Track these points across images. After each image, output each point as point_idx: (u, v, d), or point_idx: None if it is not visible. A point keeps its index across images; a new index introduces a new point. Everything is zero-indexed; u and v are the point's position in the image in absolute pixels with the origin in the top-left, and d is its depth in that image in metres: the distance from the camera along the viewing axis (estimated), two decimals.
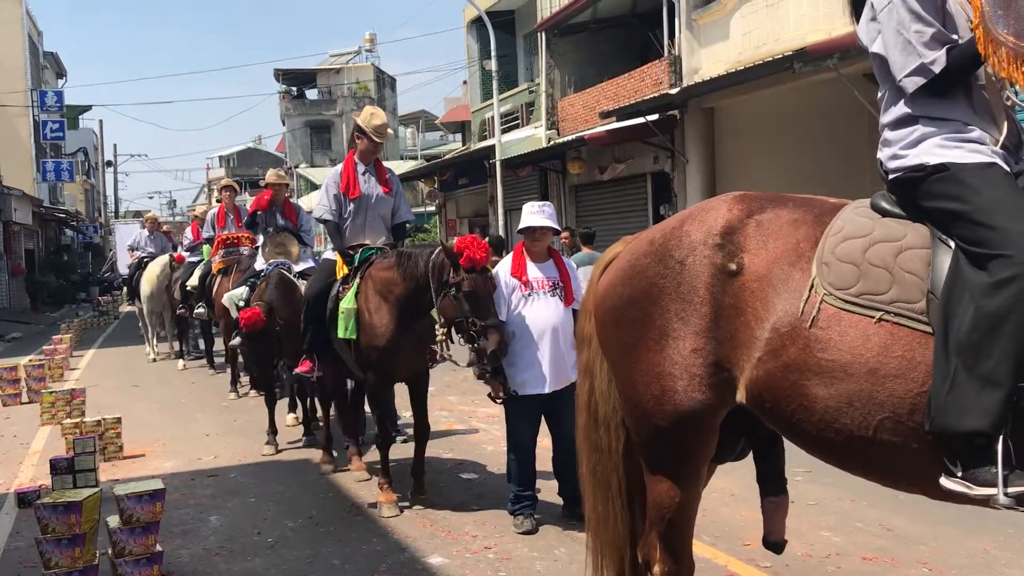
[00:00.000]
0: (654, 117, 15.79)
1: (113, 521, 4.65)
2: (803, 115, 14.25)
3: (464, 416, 8.83)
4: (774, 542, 2.96)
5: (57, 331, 17.88)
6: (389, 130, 6.54)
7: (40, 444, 8.28)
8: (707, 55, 15.94)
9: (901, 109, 2.46)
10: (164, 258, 14.24)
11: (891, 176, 2.49)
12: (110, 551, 4.59)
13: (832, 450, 2.47)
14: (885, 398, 2.31)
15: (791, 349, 2.43)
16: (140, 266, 15.10)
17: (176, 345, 14.62)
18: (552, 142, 20.56)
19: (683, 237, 2.71)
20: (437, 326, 5.49)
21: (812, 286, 2.44)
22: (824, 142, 14.05)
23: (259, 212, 8.74)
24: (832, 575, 4.42)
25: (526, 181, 22.64)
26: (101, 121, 56.89)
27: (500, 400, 5.31)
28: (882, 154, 2.52)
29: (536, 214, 5.31)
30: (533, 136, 22.29)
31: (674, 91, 15.01)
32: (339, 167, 6.50)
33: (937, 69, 2.35)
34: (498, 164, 21.42)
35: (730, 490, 5.55)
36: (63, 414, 8.91)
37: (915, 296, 2.33)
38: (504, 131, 22.47)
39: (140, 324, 15.99)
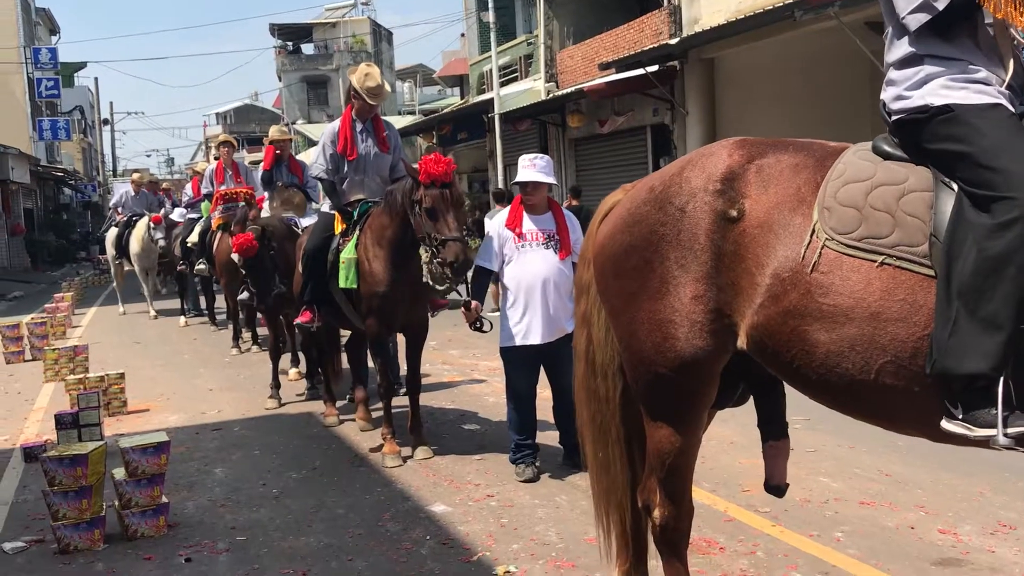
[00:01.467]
0: (654, 68, 15.62)
1: (119, 473, 4.72)
2: (804, 64, 14.12)
3: (466, 369, 8.88)
4: (775, 486, 2.99)
5: (58, 290, 17.92)
6: (386, 88, 6.45)
7: (44, 400, 8.35)
8: (707, 4, 15.73)
9: (905, 48, 2.43)
10: (145, 220, 14.36)
11: (894, 117, 2.46)
12: (116, 503, 4.66)
13: (834, 395, 2.48)
14: (887, 342, 2.31)
15: (792, 294, 2.42)
16: (128, 224, 15.12)
17: (153, 303, 14.91)
18: (551, 95, 20.39)
19: (683, 183, 2.69)
20: (422, 250, 5.48)
21: (814, 231, 2.43)
22: (825, 91, 13.95)
23: (273, 168, 8.76)
24: (830, 519, 4.47)
25: (525, 135, 22.50)
26: (96, 79, 56.33)
27: (477, 328, 5.35)
28: (886, 95, 2.49)
29: (528, 168, 5.30)
30: (532, 89, 22.09)
31: (673, 41, 14.83)
32: (336, 124, 6.45)
33: (940, 6, 2.31)
34: (497, 118, 21.26)
35: (730, 438, 5.60)
36: (66, 371, 8.96)
37: (918, 239, 2.32)
38: (503, 84, 22.28)
39: (115, 283, 16.13)
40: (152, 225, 13.99)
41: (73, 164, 45.03)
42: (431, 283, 5.52)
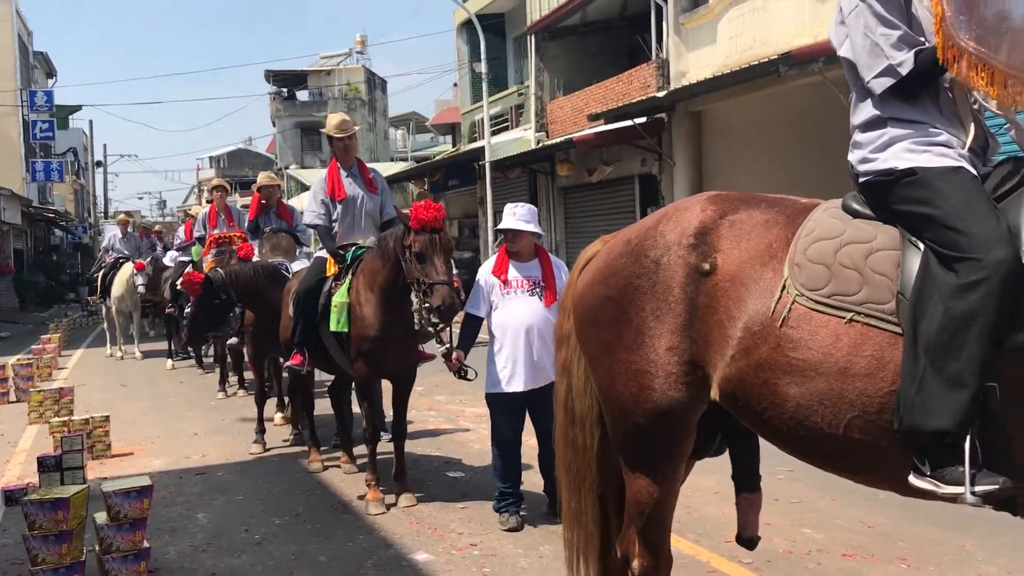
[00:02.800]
0: (642, 120, 15.90)
1: (100, 517, 4.69)
2: (789, 118, 14.36)
3: (452, 415, 8.88)
4: (748, 538, 3.02)
5: (46, 331, 17.84)
6: (355, 126, 6.75)
7: (28, 443, 8.29)
8: (694, 58, 16.04)
9: (870, 111, 2.53)
10: (130, 265, 14.53)
11: (862, 179, 2.55)
12: (97, 547, 4.63)
13: (804, 447, 2.52)
14: (855, 397, 2.36)
15: (763, 348, 2.48)
16: (115, 266, 15.22)
17: (137, 346, 15.06)
18: (541, 144, 20.65)
19: (658, 237, 2.76)
20: (413, 295, 5.54)
21: (784, 286, 2.50)
22: (809, 145, 14.15)
23: (259, 217, 8.86)
24: (813, 571, 4.48)
25: (515, 183, 22.70)
26: (91, 121, 56.82)
27: (462, 376, 5.40)
28: (852, 156, 2.58)
29: (509, 216, 5.39)
30: (522, 138, 22.37)
31: (661, 94, 15.10)
32: (324, 171, 6.67)
33: (904, 71, 2.41)
34: (488, 166, 21.47)
35: (713, 488, 5.60)
36: (51, 413, 8.91)
37: (885, 297, 2.38)
38: (494, 133, 22.54)
39: (105, 324, 16.18)
40: (135, 272, 14.08)
41: (65, 205, 45.08)
42: (422, 329, 5.60)
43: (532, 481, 5.66)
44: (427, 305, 5.27)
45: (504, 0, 24.07)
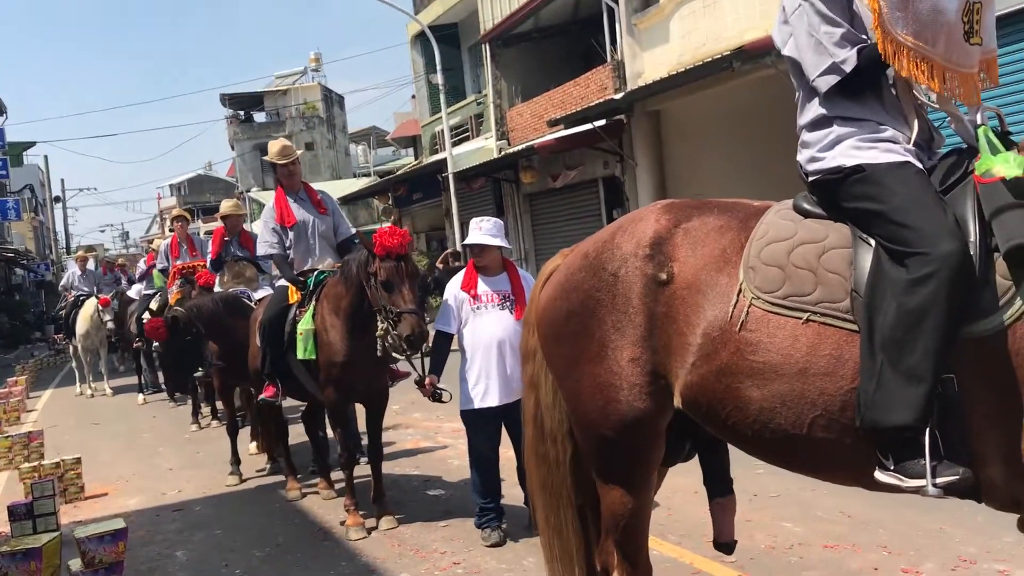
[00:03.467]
0: (601, 123, 15.96)
1: (75, 565, 4.63)
2: (746, 112, 14.48)
3: (430, 432, 8.84)
4: (724, 543, 3.02)
5: (11, 373, 17.57)
6: (298, 151, 6.74)
7: None
8: (649, 58, 16.14)
9: (816, 110, 2.54)
10: (93, 301, 14.37)
11: (811, 178, 2.56)
12: None
13: (769, 450, 2.53)
14: (816, 396, 2.37)
15: (723, 353, 2.49)
16: (76, 304, 15.07)
17: (107, 383, 14.94)
18: (503, 152, 20.67)
19: (615, 249, 2.77)
20: (378, 320, 5.50)
21: (740, 290, 2.51)
22: (768, 137, 14.26)
23: (221, 252, 8.72)
24: (796, 565, 4.50)
25: (480, 193, 22.72)
26: (46, 157, 55.96)
27: (434, 397, 5.36)
28: (801, 156, 2.60)
29: (475, 231, 5.37)
30: (484, 147, 22.38)
31: (618, 96, 15.17)
32: (271, 201, 6.60)
33: (848, 68, 2.43)
34: (451, 177, 21.46)
35: (692, 487, 5.55)
36: (21, 458, 8.75)
37: (839, 295, 2.40)
38: (455, 144, 22.53)
39: (74, 363, 15.98)
40: (100, 308, 13.93)
41: (25, 243, 44.43)
42: (385, 354, 5.55)
43: (511, 494, 5.63)
44: (395, 333, 5.20)
45: (456, 10, 24.09)
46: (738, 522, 5.00)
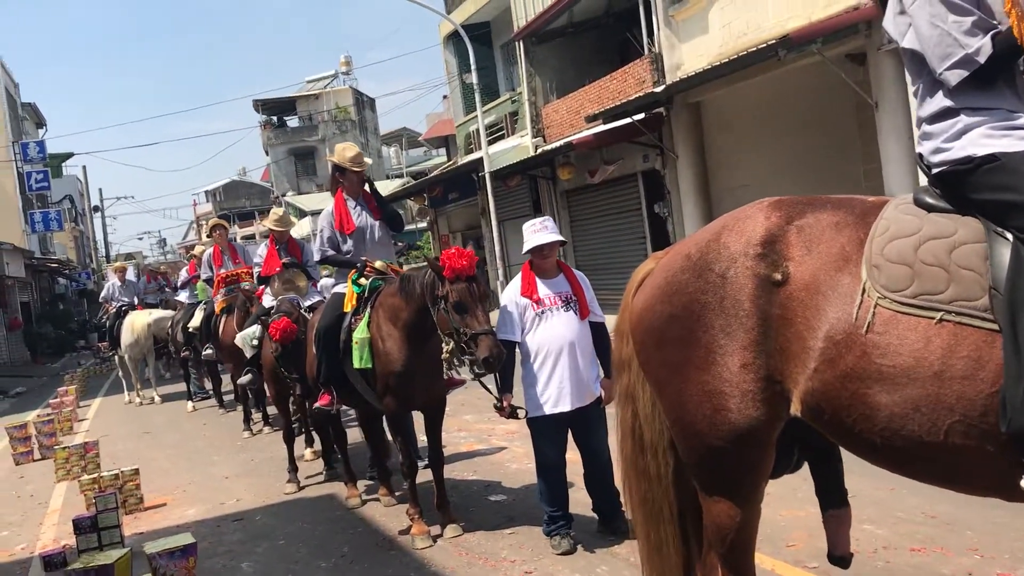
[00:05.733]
0: (640, 116, 15.76)
1: None
2: (788, 101, 14.25)
3: (483, 435, 8.74)
4: (839, 556, 2.87)
5: (60, 382, 17.79)
6: (367, 159, 6.61)
7: (58, 502, 8.18)
8: (688, 50, 15.91)
9: (941, 102, 2.37)
10: (143, 313, 14.75)
11: (935, 170, 2.40)
12: None
13: (899, 459, 2.38)
14: (954, 401, 2.22)
15: (848, 357, 2.35)
16: (119, 315, 15.19)
17: (155, 390, 15.10)
18: (539, 150, 20.52)
19: (721, 249, 2.63)
20: (443, 343, 5.41)
21: (864, 290, 2.36)
22: (811, 126, 14.05)
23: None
24: (882, 570, 4.33)
25: (517, 191, 22.60)
26: (85, 167, 56.50)
27: (510, 415, 5.23)
28: (923, 148, 2.44)
29: (540, 231, 5.24)
30: (520, 145, 22.25)
31: (659, 89, 14.96)
32: (330, 206, 6.51)
33: (982, 59, 2.27)
34: (487, 176, 21.39)
35: (768, 490, 5.45)
36: (78, 468, 8.82)
37: (976, 293, 2.24)
38: (490, 143, 22.44)
39: (120, 371, 16.15)
40: (156, 318, 14.33)
41: (66, 253, 45.12)
42: (458, 371, 5.54)
43: (578, 500, 5.51)
44: (471, 357, 5.09)
45: (488, 8, 23.97)
46: (816, 526, 4.87)
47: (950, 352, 2.23)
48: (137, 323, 14.48)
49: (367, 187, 6.55)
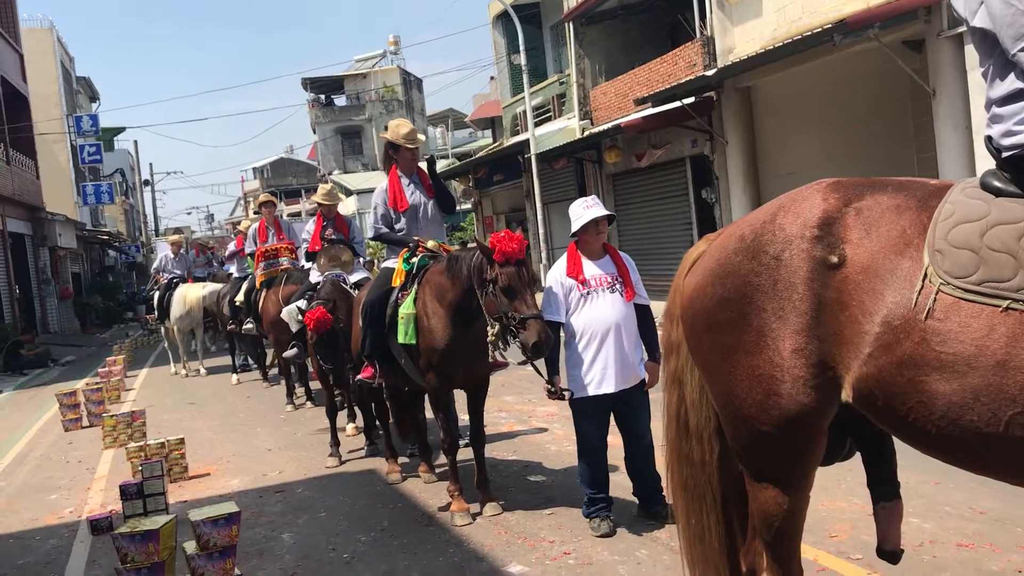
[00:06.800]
0: (690, 100, 15.56)
1: (190, 547, 4.63)
2: (841, 87, 13.99)
3: (523, 416, 8.74)
4: (889, 551, 2.80)
5: (108, 352, 18.12)
6: (420, 135, 6.58)
7: (105, 468, 8.34)
8: (740, 33, 15.67)
9: (1013, 84, 2.28)
10: (196, 286, 15.05)
11: (1006, 154, 2.32)
12: None
13: (954, 449, 2.31)
14: (1017, 392, 2.15)
15: (906, 343, 2.28)
16: (169, 287, 15.42)
17: (201, 363, 15.40)
18: (586, 132, 20.38)
19: (777, 231, 2.56)
20: (488, 326, 5.39)
21: (926, 275, 2.29)
22: (865, 113, 13.78)
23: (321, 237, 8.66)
24: (929, 565, 4.25)
25: (562, 173, 22.50)
26: (136, 142, 57.49)
27: (559, 397, 5.21)
28: (992, 131, 2.35)
29: (594, 207, 5.20)
30: (567, 128, 22.12)
31: (711, 72, 14.74)
32: (384, 183, 6.51)
33: None
34: (533, 158, 21.32)
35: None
36: (125, 436, 8.98)
37: None
38: (537, 124, 22.34)
39: (166, 343, 16.48)
40: (210, 292, 14.58)
41: (116, 226, 45.96)
42: (504, 357, 5.58)
43: (618, 483, 5.48)
44: (520, 340, 5.04)
45: None
46: (860, 517, 4.81)
47: (1015, 341, 2.15)
48: (190, 295, 14.71)
49: (424, 166, 6.55)
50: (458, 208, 35.21)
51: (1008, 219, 2.25)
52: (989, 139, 2.36)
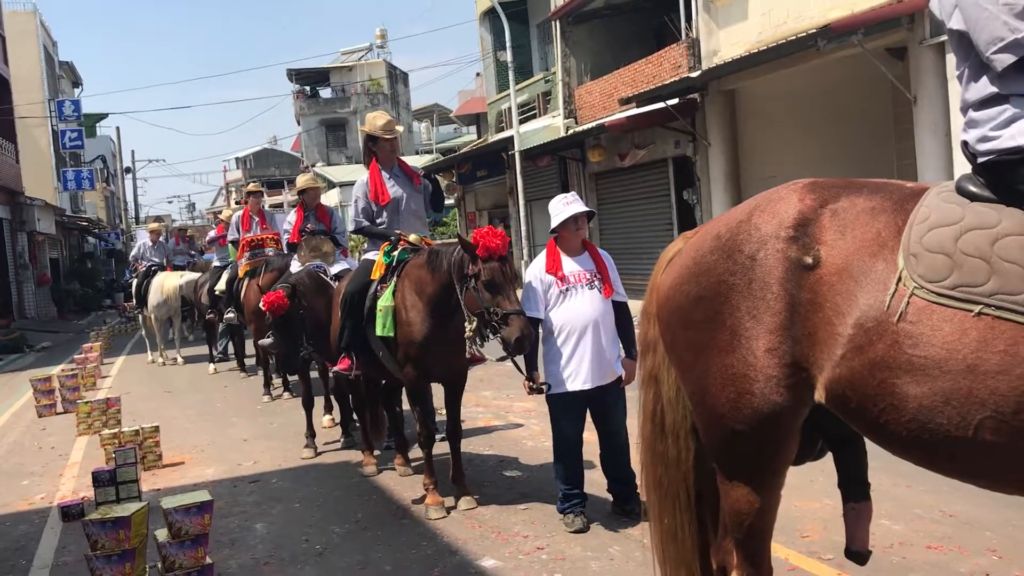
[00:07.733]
0: (674, 101, 15.60)
1: (162, 535, 4.61)
2: (825, 92, 14.08)
3: (501, 411, 8.75)
4: (857, 552, 2.82)
5: (86, 339, 17.98)
6: (398, 126, 6.60)
7: (79, 455, 8.28)
8: (726, 36, 15.73)
9: (987, 88, 2.31)
10: (173, 274, 14.97)
11: (981, 159, 2.34)
12: (159, 565, 4.55)
13: (925, 452, 2.34)
14: (986, 396, 2.17)
15: (878, 345, 2.30)
16: (147, 274, 15.34)
17: (178, 351, 15.26)
18: (571, 131, 20.39)
19: (752, 230, 2.58)
20: (466, 322, 5.39)
21: (900, 278, 2.31)
22: (847, 118, 13.89)
23: (302, 230, 8.59)
24: (898, 566, 4.30)
25: (545, 171, 22.50)
26: (118, 128, 56.89)
27: (538, 391, 5.22)
28: (968, 136, 2.37)
29: (573, 203, 5.22)
30: (551, 126, 22.12)
31: (695, 74, 14.79)
32: (364, 177, 6.49)
33: None
34: (517, 155, 21.31)
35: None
36: (99, 423, 8.92)
37: (1018, 287, 2.18)
38: (521, 121, 22.33)
39: (143, 331, 16.39)
40: (187, 280, 14.46)
41: (96, 212, 45.54)
42: (480, 352, 5.56)
43: (593, 479, 5.51)
44: (502, 336, 5.04)
45: None
46: (831, 518, 4.84)
47: (986, 346, 2.18)
48: (167, 284, 14.63)
49: (409, 161, 6.54)
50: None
51: (982, 224, 2.27)
52: (965, 144, 2.39)
